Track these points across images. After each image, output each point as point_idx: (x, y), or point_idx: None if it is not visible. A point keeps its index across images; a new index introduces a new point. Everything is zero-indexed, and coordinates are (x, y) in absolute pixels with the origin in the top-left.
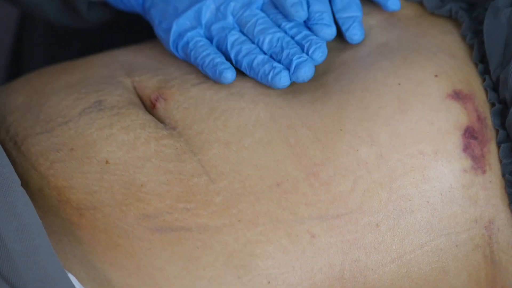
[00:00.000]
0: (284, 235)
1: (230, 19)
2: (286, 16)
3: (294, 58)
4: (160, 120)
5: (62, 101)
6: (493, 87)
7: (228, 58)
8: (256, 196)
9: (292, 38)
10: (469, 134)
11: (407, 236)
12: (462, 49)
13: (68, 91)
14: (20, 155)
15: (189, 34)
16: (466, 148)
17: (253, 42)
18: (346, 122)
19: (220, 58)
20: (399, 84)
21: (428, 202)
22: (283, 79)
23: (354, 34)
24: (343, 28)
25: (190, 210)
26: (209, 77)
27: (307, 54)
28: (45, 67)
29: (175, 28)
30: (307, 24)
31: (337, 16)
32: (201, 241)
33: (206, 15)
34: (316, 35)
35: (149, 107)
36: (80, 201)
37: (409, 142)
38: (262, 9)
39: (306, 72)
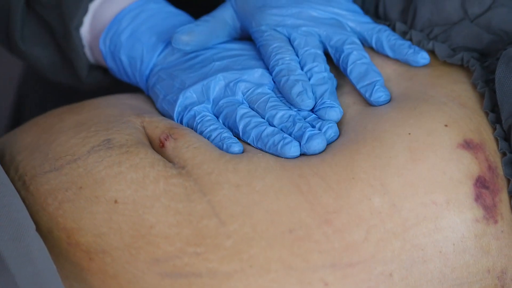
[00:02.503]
0: (296, 283)
1: (239, 96)
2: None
3: (307, 130)
4: (169, 160)
5: (71, 139)
6: (504, 136)
7: (235, 134)
8: (268, 241)
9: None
10: (481, 183)
11: (420, 286)
12: (472, 98)
13: (77, 129)
14: (29, 195)
15: (196, 108)
16: (478, 197)
17: (262, 117)
18: (358, 171)
19: (227, 133)
20: (410, 134)
21: (440, 252)
22: (293, 149)
23: (379, 96)
24: (367, 95)
25: (200, 254)
26: None
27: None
28: (52, 110)
29: (181, 100)
30: (312, 110)
31: (357, 86)
32: (211, 287)
33: (215, 91)
34: (321, 118)
35: (157, 147)
36: (89, 244)
37: (421, 191)
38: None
39: (318, 144)
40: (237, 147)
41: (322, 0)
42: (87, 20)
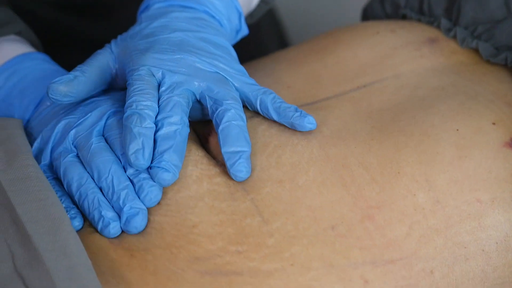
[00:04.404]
0: (337, 280)
1: (68, 143)
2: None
3: (126, 208)
4: (213, 155)
5: None
6: None
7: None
8: (309, 239)
9: (125, 168)
10: None
11: (461, 284)
12: None
13: None
14: None
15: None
16: None
17: (85, 168)
18: (404, 165)
19: (66, 203)
20: (457, 130)
21: (483, 250)
22: (112, 231)
23: (239, 171)
24: (228, 164)
25: (242, 253)
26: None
27: (139, 196)
28: None
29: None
30: None
31: (222, 149)
32: (252, 285)
33: (55, 140)
34: (152, 177)
35: (203, 141)
36: (132, 242)
37: (466, 189)
38: (104, 129)
39: (137, 227)
40: (76, 222)
41: (208, 53)
42: None
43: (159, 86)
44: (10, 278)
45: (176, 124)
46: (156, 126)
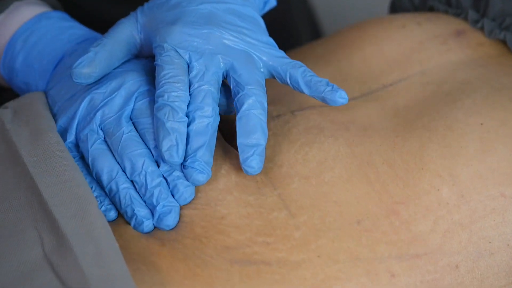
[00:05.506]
0: (363, 273)
1: (95, 125)
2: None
3: (159, 207)
4: None
5: None
6: None
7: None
8: (335, 232)
9: (157, 162)
10: None
11: (486, 278)
12: None
13: None
14: None
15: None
16: None
17: (115, 157)
18: (428, 161)
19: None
20: (482, 124)
21: (508, 245)
22: (146, 229)
23: (250, 167)
24: (241, 157)
25: (269, 244)
26: None
27: (173, 195)
28: None
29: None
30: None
31: (238, 140)
32: (280, 275)
33: (80, 117)
34: (186, 177)
35: (230, 137)
36: (162, 234)
37: (490, 183)
38: (133, 113)
39: (169, 225)
40: (111, 213)
41: (235, 27)
42: None
43: (188, 66)
44: (39, 265)
45: (208, 117)
46: (188, 117)
